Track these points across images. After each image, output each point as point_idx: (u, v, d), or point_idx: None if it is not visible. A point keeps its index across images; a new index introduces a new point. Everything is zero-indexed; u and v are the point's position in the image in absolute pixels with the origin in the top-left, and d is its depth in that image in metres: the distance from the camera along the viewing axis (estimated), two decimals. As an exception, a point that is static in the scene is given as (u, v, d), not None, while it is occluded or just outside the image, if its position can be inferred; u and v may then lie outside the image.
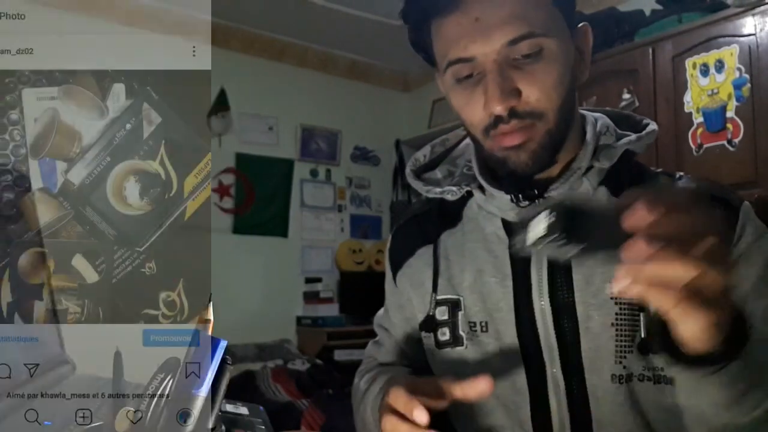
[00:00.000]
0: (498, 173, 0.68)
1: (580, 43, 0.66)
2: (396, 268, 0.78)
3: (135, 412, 0.37)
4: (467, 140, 0.76)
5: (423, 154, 0.78)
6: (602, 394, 0.61)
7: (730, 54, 1.97)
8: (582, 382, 0.62)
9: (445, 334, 0.69)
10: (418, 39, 0.68)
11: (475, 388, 0.54)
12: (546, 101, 0.60)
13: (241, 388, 2.44)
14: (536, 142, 0.61)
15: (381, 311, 0.86)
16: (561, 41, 0.61)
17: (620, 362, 0.61)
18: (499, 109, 0.59)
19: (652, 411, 0.61)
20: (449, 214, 0.73)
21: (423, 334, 0.73)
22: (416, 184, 0.75)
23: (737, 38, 1.96)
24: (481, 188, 0.70)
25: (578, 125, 0.68)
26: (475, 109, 0.62)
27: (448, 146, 0.79)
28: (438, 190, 0.72)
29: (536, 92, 0.59)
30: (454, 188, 0.71)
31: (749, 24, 1.93)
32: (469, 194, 0.71)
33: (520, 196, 0.66)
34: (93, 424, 0.40)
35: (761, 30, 1.90)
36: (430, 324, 0.71)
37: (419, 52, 0.71)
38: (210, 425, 0.38)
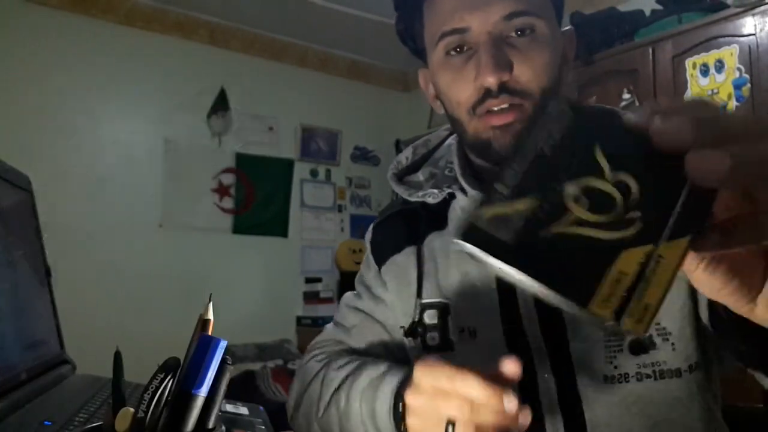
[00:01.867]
0: (480, 174, 0.68)
1: (564, 45, 0.66)
2: (380, 262, 0.76)
3: (135, 412, 0.36)
4: (449, 140, 0.75)
5: (405, 156, 0.77)
6: (593, 395, 0.60)
7: (730, 54, 1.97)
8: (573, 384, 0.61)
9: (434, 339, 0.68)
10: (409, 25, 0.69)
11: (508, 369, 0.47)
12: (536, 81, 0.60)
13: (241, 388, 2.44)
14: (522, 124, 0.60)
15: (351, 294, 0.81)
16: (552, 27, 0.62)
17: (611, 362, 0.60)
18: (491, 80, 0.58)
19: (654, 408, 0.60)
20: (435, 216, 0.72)
21: (408, 340, 0.70)
22: (399, 189, 0.74)
23: (737, 38, 1.96)
24: (463, 190, 0.69)
25: None
26: (465, 84, 0.61)
27: (431, 147, 0.78)
28: (420, 193, 0.71)
29: (528, 70, 0.59)
30: (435, 191, 0.70)
31: (749, 24, 1.93)
32: (452, 196, 0.70)
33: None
34: (93, 424, 0.40)
35: (761, 30, 1.90)
36: (415, 329, 0.69)
37: (407, 42, 0.71)
38: (210, 425, 0.38)
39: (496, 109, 0.60)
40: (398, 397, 0.55)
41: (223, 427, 0.40)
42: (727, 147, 0.23)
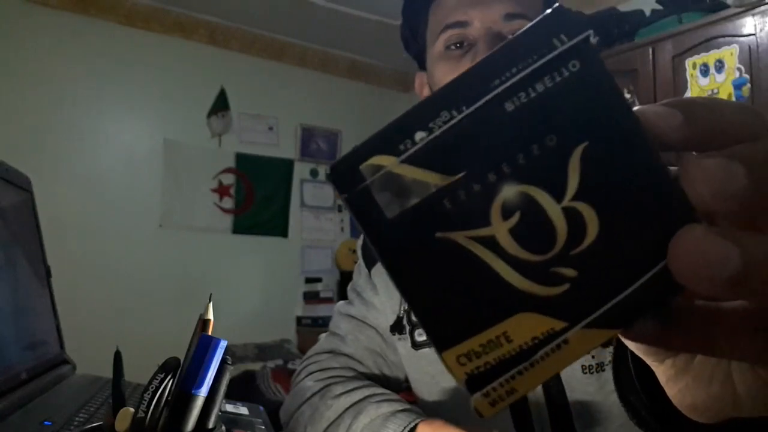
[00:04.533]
0: None
1: None
2: (370, 265, 0.78)
3: (135, 412, 0.36)
4: None
5: None
6: (576, 384, 0.63)
7: (730, 54, 1.97)
8: (557, 374, 0.63)
9: (422, 335, 0.70)
10: (414, 27, 0.71)
11: None
12: None
13: (241, 388, 2.44)
14: None
15: (343, 302, 0.82)
16: None
17: (588, 352, 0.62)
18: None
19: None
20: None
21: (396, 337, 0.72)
22: None
23: (737, 38, 1.96)
24: None
25: None
26: None
27: None
28: None
29: None
30: None
31: (749, 24, 1.93)
32: None
33: None
34: (93, 424, 0.40)
35: (761, 30, 1.90)
36: (401, 325, 0.71)
37: (410, 46, 0.74)
38: (210, 425, 0.38)
39: None
40: None
41: (223, 427, 0.40)
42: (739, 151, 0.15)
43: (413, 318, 0.70)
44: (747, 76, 1.93)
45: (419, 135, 0.16)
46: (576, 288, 0.16)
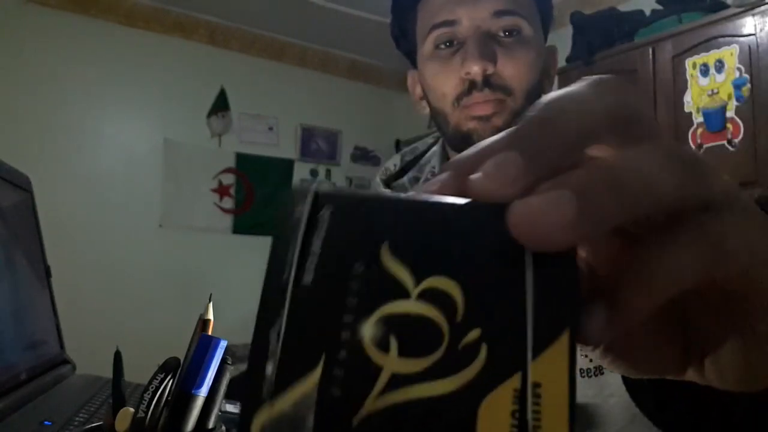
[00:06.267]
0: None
1: (547, 58, 0.68)
2: None
3: (135, 412, 0.36)
4: (435, 147, 0.77)
5: (393, 164, 0.80)
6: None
7: (730, 54, 1.97)
8: None
9: None
10: (402, 26, 0.71)
11: None
12: (518, 78, 0.62)
13: (241, 388, 2.45)
14: (502, 118, 0.62)
15: None
16: (537, 33, 0.64)
17: (586, 355, 0.62)
18: (476, 69, 0.60)
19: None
20: None
21: None
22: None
23: (737, 38, 1.96)
24: None
25: None
26: (450, 75, 0.63)
27: (417, 154, 0.80)
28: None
29: (511, 66, 0.61)
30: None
31: (749, 24, 1.93)
32: None
33: None
34: (93, 424, 0.40)
35: (761, 30, 1.90)
36: None
37: (400, 44, 0.74)
38: (210, 425, 0.38)
39: (479, 101, 0.62)
40: None
41: (223, 427, 0.40)
42: (569, 179, 0.14)
43: None
44: (747, 76, 1.93)
45: (268, 368, 0.15)
46: (491, 344, 0.14)
